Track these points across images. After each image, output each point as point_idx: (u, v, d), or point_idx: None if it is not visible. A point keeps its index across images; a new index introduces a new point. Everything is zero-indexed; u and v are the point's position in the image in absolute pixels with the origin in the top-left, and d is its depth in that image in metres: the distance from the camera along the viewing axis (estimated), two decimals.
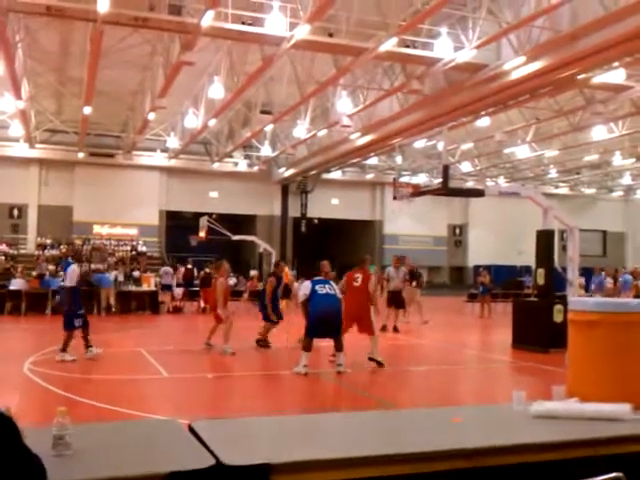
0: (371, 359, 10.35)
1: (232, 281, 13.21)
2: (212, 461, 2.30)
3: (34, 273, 22.09)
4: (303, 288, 10.15)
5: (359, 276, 10.89)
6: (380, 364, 10.27)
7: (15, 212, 30.84)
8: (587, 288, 21.07)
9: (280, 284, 13.40)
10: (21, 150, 29.54)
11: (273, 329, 12.91)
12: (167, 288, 22.15)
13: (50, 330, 17.29)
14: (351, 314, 10.52)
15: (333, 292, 9.91)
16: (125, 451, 2.51)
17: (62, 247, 28.76)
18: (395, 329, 15.76)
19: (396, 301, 16.24)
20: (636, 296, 21.27)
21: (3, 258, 26.35)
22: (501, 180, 35.83)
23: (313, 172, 32.60)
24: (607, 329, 5.05)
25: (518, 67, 15.26)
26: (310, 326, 9.79)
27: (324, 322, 9.78)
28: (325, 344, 10.41)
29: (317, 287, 9.93)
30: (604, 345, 4.89)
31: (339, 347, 9.77)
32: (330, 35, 15.48)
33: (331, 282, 10.27)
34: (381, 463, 2.49)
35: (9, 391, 8.07)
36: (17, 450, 1.80)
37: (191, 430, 2.70)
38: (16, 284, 20.67)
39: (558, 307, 12.29)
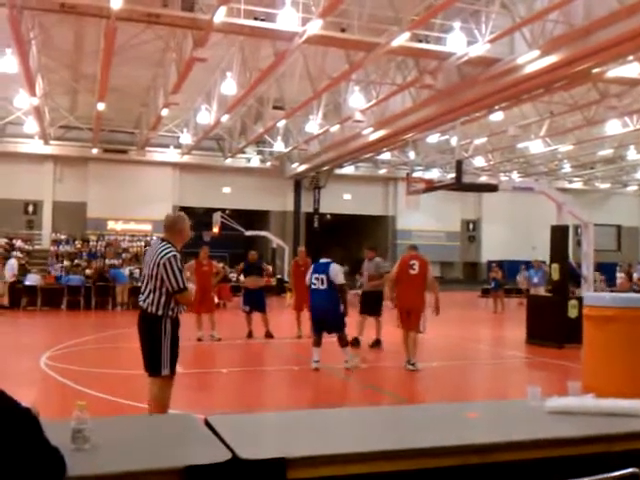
0: (412, 363, 9.73)
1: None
2: (228, 455, 2.32)
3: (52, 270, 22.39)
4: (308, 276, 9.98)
5: (415, 262, 10.01)
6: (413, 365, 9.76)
7: (30, 208, 31.05)
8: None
9: (249, 269, 13.91)
10: (35, 147, 29.71)
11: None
12: None
13: (65, 325, 17.46)
14: (404, 306, 9.90)
15: (324, 286, 9.41)
16: (142, 445, 2.53)
17: (77, 243, 28.95)
18: (377, 343, 12.21)
19: (370, 305, 12.38)
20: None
21: (19, 254, 26.53)
22: (515, 175, 35.63)
23: (326, 167, 32.58)
24: (623, 324, 5.05)
25: (532, 61, 15.17)
26: (311, 320, 9.83)
27: (316, 319, 9.69)
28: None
29: (313, 279, 9.61)
30: (620, 340, 4.89)
31: (341, 343, 9.54)
32: (342, 30, 15.45)
33: (330, 268, 9.47)
34: (396, 458, 2.50)
35: (26, 386, 8.15)
36: (39, 444, 1.83)
37: (207, 424, 2.72)
38: (31, 279, 20.87)
39: (573, 302, 12.26)
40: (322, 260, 9.69)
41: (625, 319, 6.03)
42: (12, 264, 21.45)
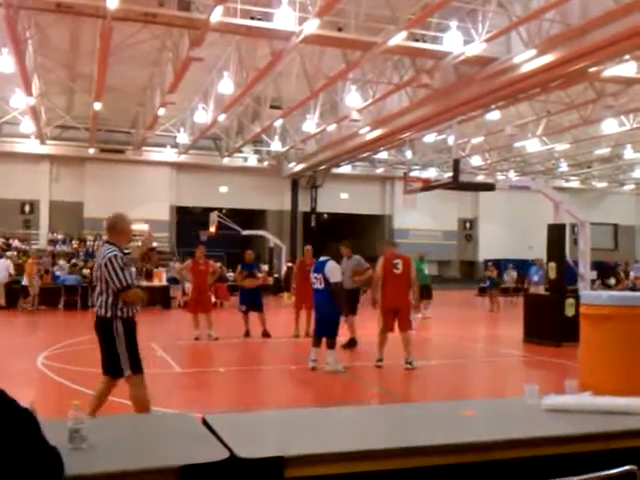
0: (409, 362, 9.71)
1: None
2: (226, 454, 2.32)
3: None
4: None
5: (399, 262, 9.87)
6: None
7: (27, 208, 31.00)
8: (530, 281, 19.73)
9: (247, 271, 13.73)
10: (32, 146, 29.65)
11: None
12: None
13: (62, 325, 17.44)
14: (390, 306, 9.77)
15: (322, 286, 9.33)
16: (140, 444, 2.53)
17: (73, 242, 28.90)
18: (352, 343, 12.04)
19: (348, 304, 11.47)
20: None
21: (15, 254, 26.48)
22: (511, 174, 35.66)
23: (323, 167, 32.57)
24: (620, 322, 5.07)
25: (528, 60, 15.18)
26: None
27: (315, 318, 9.69)
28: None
29: (313, 278, 9.54)
30: (617, 338, 4.90)
31: (328, 345, 9.41)
32: (339, 29, 15.45)
33: (326, 266, 9.31)
34: (393, 456, 2.50)
35: (24, 385, 8.14)
36: (38, 443, 1.84)
37: (205, 423, 2.72)
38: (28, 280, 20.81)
39: (570, 301, 12.27)
40: (321, 259, 9.64)
41: (622, 317, 6.04)
42: (7, 265, 21.39)
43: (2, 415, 1.81)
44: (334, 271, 9.32)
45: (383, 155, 33.03)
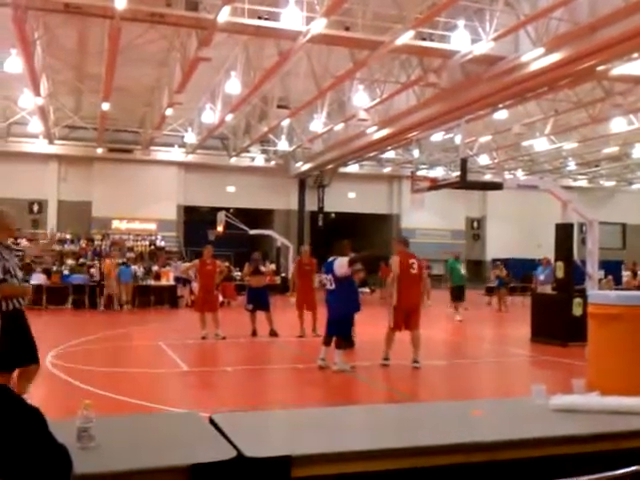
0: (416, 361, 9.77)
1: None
2: (233, 453, 2.32)
3: (54, 268, 22.49)
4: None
5: (414, 262, 9.89)
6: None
7: (35, 207, 31.13)
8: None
9: (255, 271, 13.67)
10: (40, 146, 29.78)
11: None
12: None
13: (70, 324, 17.51)
14: (406, 306, 9.78)
15: (333, 287, 9.41)
16: (148, 443, 2.54)
17: (82, 242, 28.99)
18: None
19: None
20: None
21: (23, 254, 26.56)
22: (519, 173, 35.57)
23: (330, 166, 32.55)
24: (628, 322, 5.05)
25: (536, 59, 15.13)
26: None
27: (327, 319, 9.65)
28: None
29: (325, 279, 9.63)
30: (625, 338, 4.89)
31: (337, 345, 9.43)
32: (346, 29, 15.44)
33: (334, 264, 9.39)
34: (401, 455, 2.50)
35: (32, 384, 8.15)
36: (46, 441, 1.84)
37: (212, 422, 2.73)
38: (37, 279, 20.91)
39: (577, 300, 12.22)
40: (329, 259, 9.69)
41: (630, 317, 6.03)
42: None
43: (10, 413, 1.82)
44: (340, 265, 9.37)
45: (390, 154, 32.98)
